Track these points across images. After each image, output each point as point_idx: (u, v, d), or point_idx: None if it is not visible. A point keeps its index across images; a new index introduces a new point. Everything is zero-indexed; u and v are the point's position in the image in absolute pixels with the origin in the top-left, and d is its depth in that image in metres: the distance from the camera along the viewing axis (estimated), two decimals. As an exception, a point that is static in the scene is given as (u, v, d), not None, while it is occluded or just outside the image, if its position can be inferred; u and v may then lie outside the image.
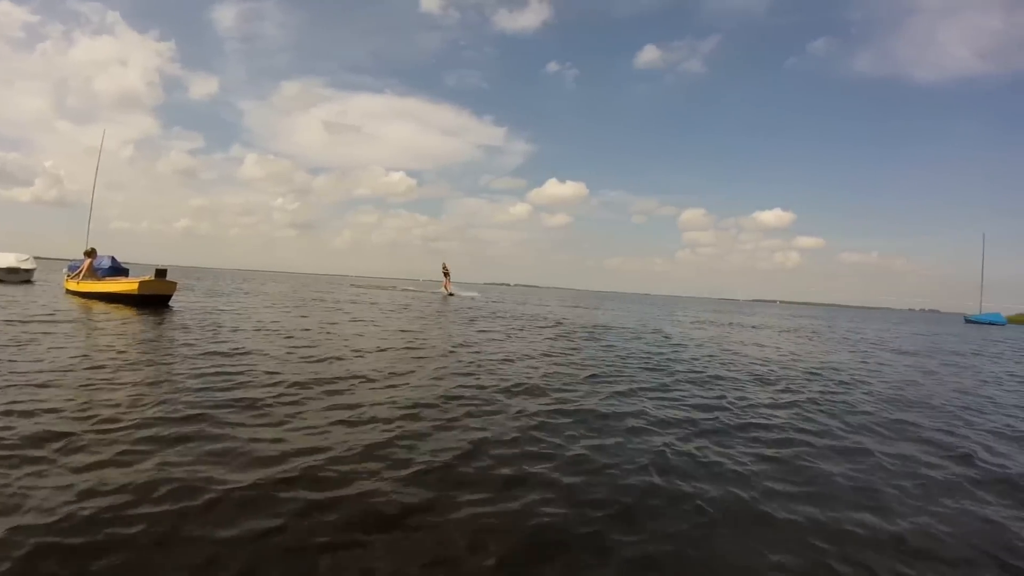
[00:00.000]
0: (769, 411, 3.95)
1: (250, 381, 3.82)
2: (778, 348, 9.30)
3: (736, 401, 4.22)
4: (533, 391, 4.09)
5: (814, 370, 6.37)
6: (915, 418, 4.03)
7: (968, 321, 46.45)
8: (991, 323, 44.94)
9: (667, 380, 4.98)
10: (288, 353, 5.17)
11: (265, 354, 5.01)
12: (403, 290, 30.08)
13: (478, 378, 4.54)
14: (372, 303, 15.96)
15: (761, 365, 6.60)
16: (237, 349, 5.16)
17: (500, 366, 5.23)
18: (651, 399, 4.09)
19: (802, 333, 14.58)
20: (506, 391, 4.03)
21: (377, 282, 53.15)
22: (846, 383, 5.53)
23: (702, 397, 4.30)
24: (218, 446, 2.46)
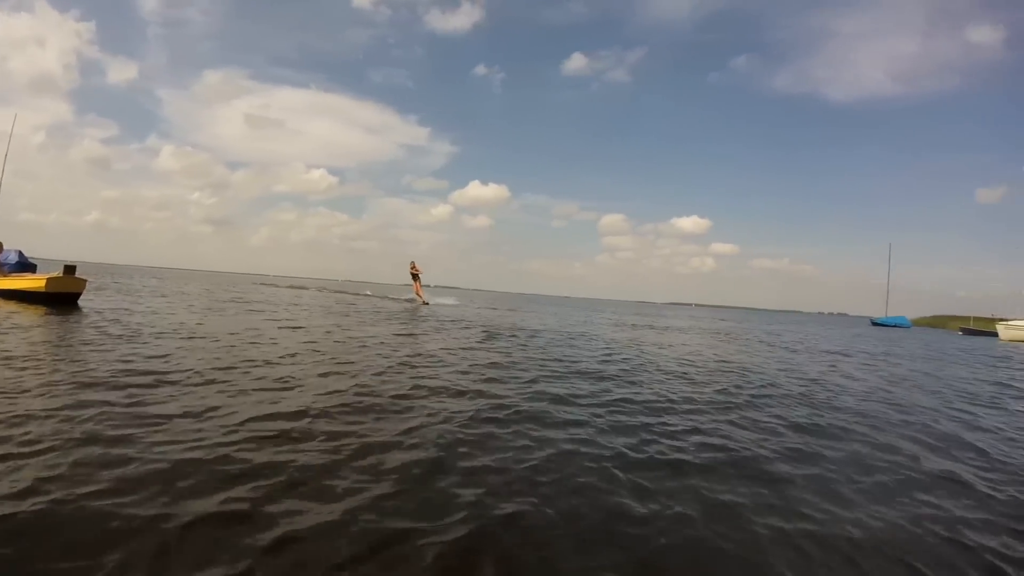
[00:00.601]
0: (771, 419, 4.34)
1: (183, 414, 3.21)
2: (730, 353, 9.71)
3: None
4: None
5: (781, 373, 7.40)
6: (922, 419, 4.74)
7: (874, 324, 50.15)
8: (896, 325, 48.21)
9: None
10: (222, 372, 4.57)
11: (198, 373, 4.44)
12: (320, 290, 29.21)
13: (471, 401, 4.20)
14: (295, 304, 15.92)
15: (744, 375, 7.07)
16: (171, 368, 4.58)
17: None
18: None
19: (736, 336, 15.89)
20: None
21: (300, 282, 50.55)
22: (807, 381, 6.63)
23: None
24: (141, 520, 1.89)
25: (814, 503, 2.56)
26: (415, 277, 20.86)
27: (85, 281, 10.31)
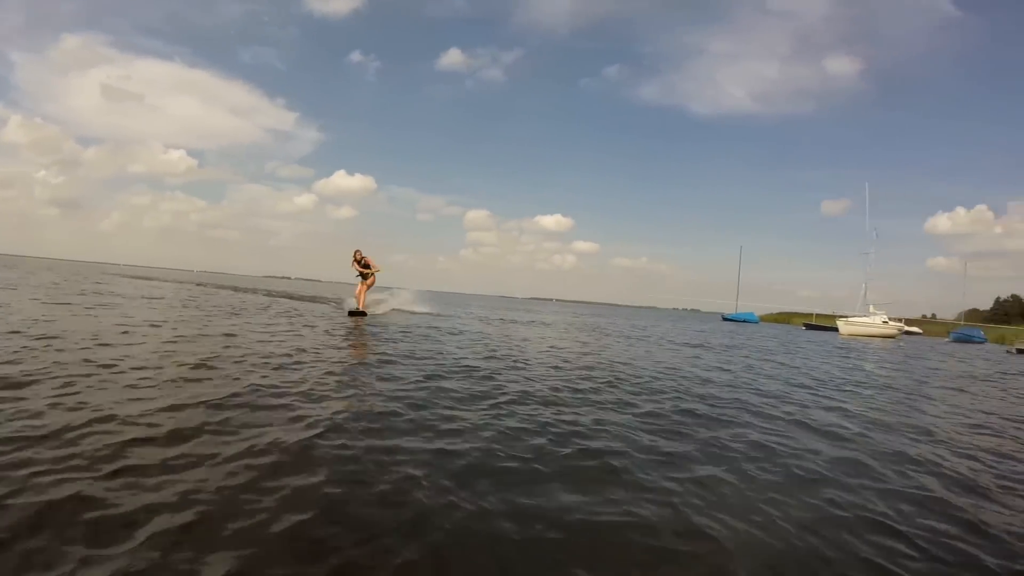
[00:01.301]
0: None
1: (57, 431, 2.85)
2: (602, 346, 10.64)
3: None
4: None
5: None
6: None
7: (725, 319, 51.24)
8: (745, 320, 50.36)
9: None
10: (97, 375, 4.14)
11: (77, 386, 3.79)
12: (163, 281, 27.51)
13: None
14: (154, 296, 14.94)
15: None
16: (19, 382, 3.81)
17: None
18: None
19: (607, 331, 17.10)
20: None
21: (155, 273, 45.76)
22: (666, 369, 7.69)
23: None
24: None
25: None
26: (364, 275, 12.90)
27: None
